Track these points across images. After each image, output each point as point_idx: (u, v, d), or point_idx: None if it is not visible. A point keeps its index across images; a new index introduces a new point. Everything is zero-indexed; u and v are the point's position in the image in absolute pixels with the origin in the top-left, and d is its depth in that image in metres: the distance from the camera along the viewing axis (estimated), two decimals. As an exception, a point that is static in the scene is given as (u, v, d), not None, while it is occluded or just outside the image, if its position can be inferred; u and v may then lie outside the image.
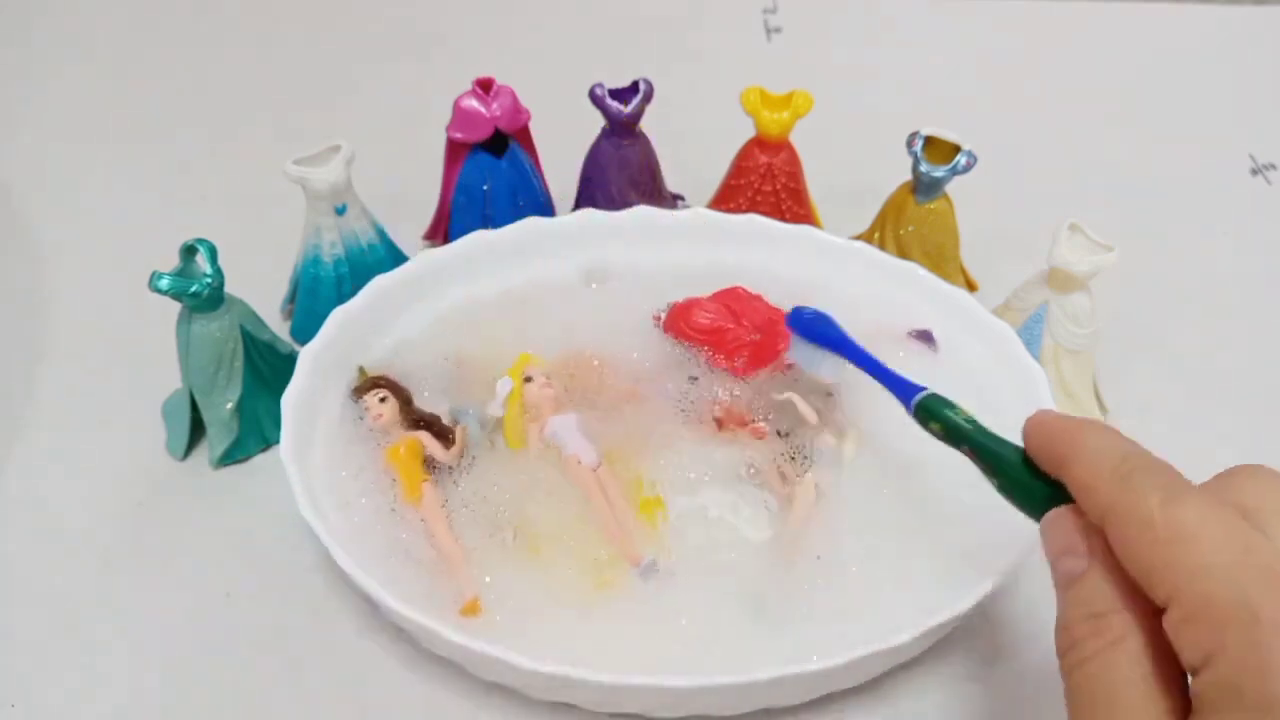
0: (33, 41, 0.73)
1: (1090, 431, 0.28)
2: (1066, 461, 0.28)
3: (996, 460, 0.31)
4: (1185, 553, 0.24)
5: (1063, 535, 0.28)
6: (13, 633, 0.39)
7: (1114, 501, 0.26)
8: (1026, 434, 0.30)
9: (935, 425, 0.34)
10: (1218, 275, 0.56)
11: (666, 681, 0.33)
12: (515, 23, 0.75)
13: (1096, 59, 0.74)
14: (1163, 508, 0.25)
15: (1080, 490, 0.27)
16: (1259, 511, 0.25)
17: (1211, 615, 0.23)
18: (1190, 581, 0.23)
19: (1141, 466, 0.27)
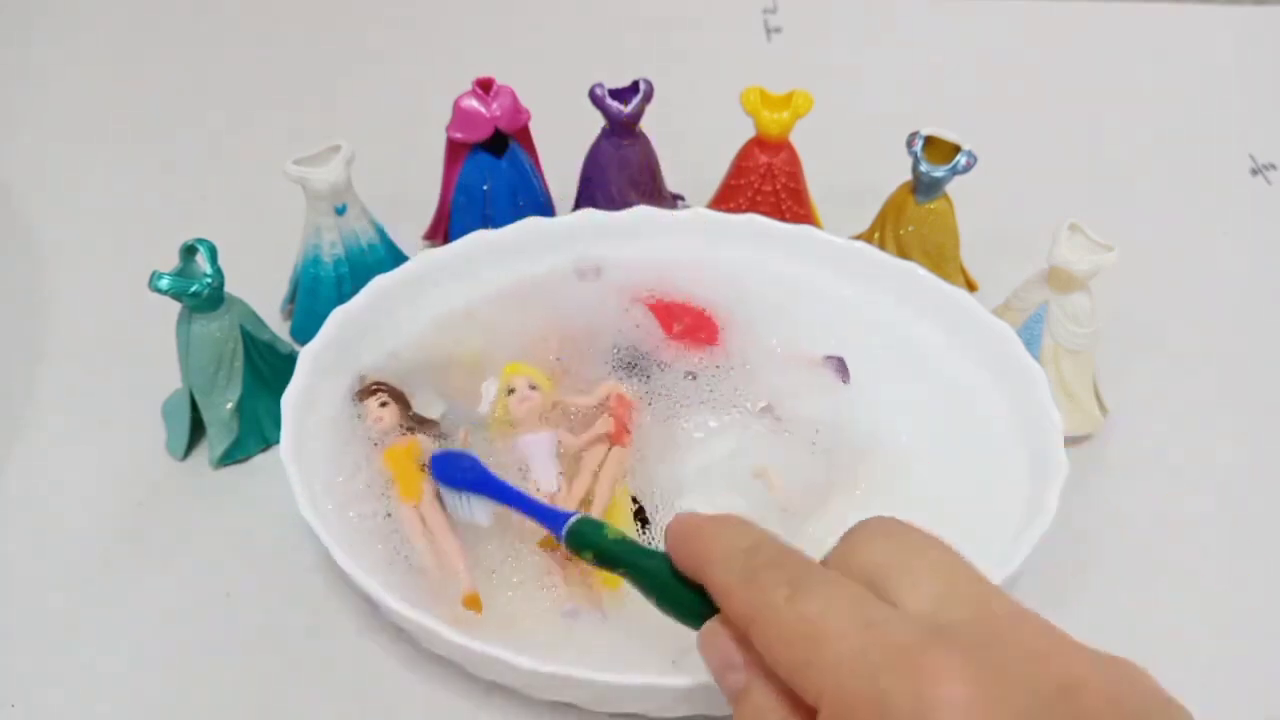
0: (33, 41, 0.73)
1: (722, 529, 0.28)
2: (702, 565, 0.27)
3: (650, 578, 0.30)
4: (816, 650, 0.23)
5: (719, 650, 0.27)
6: (13, 633, 0.39)
7: (746, 605, 0.25)
8: (667, 539, 0.29)
9: (587, 554, 0.33)
10: (1218, 275, 0.56)
11: (666, 681, 0.33)
12: (515, 23, 0.75)
13: (1096, 59, 0.74)
14: (789, 604, 0.24)
15: (719, 597, 0.27)
16: (882, 571, 0.25)
17: (853, 714, 0.22)
18: (826, 678, 0.23)
19: (767, 561, 0.26)
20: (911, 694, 0.22)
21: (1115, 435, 0.47)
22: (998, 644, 0.23)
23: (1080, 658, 0.23)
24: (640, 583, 0.31)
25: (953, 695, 0.21)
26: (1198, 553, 0.43)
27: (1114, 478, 0.46)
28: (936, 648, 0.22)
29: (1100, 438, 0.47)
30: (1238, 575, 0.42)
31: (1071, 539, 0.42)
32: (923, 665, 0.22)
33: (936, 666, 0.22)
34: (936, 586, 0.25)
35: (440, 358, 0.45)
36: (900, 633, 0.23)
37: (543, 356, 0.44)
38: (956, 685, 0.21)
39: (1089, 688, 0.22)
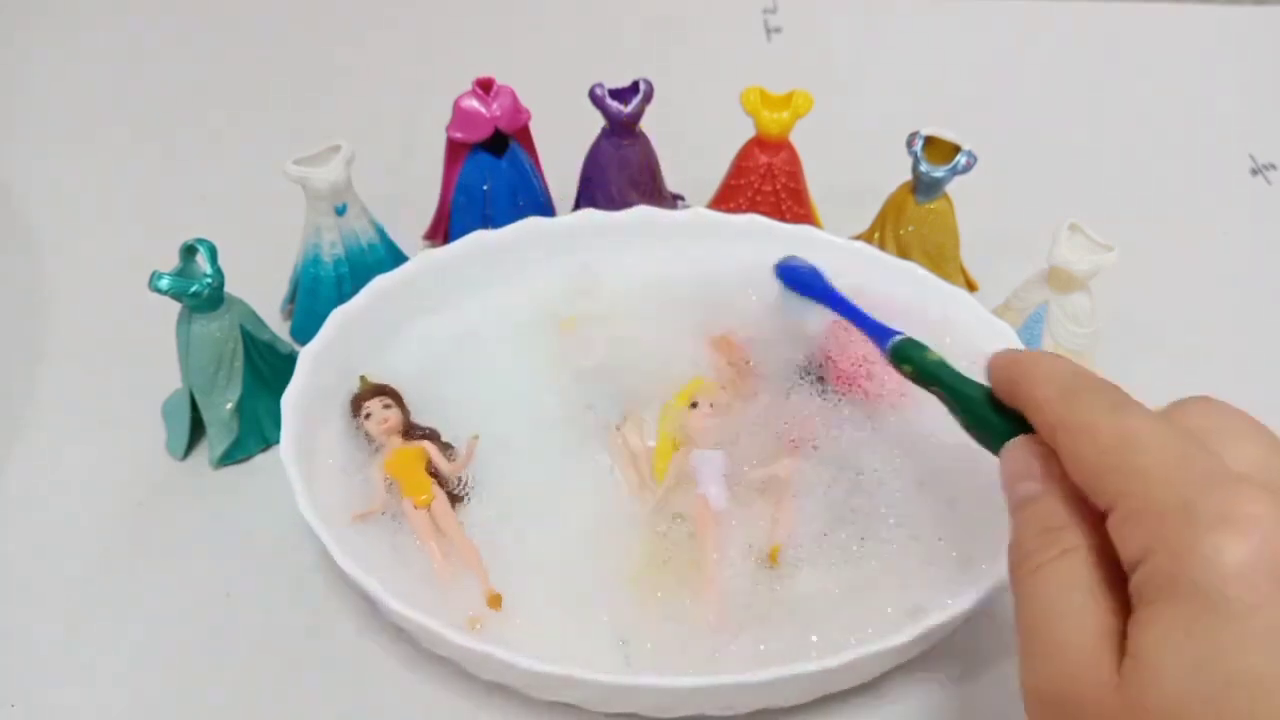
0: (33, 41, 0.73)
1: (1044, 358, 0.29)
2: (1021, 385, 0.29)
3: (963, 398, 0.32)
4: (1127, 458, 0.25)
5: (1019, 461, 0.28)
6: (13, 633, 0.39)
7: (1062, 416, 0.27)
8: (990, 368, 0.31)
9: (907, 367, 0.35)
10: (1218, 275, 0.56)
11: (666, 681, 0.33)
12: (515, 23, 0.75)
13: (1096, 59, 0.74)
14: (1109, 415, 0.26)
15: (1032, 409, 0.28)
16: (1203, 430, 0.26)
17: (1149, 512, 0.24)
18: (1130, 483, 0.24)
19: (1090, 385, 0.28)
20: (1219, 507, 0.22)
21: (1115, 435, 0.47)
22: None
23: None
24: (954, 401, 0.33)
25: (1259, 514, 0.22)
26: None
27: (1114, 478, 0.46)
28: (1249, 485, 0.23)
29: (1100, 438, 0.47)
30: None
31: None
32: (1234, 490, 0.23)
33: (1248, 493, 0.23)
34: (1256, 453, 0.25)
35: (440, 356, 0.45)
36: (1215, 464, 0.24)
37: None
38: (1264, 510, 0.22)
39: None
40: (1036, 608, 0.26)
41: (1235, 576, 0.22)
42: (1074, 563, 0.25)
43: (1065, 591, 0.25)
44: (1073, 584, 0.25)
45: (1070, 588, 0.25)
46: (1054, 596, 0.25)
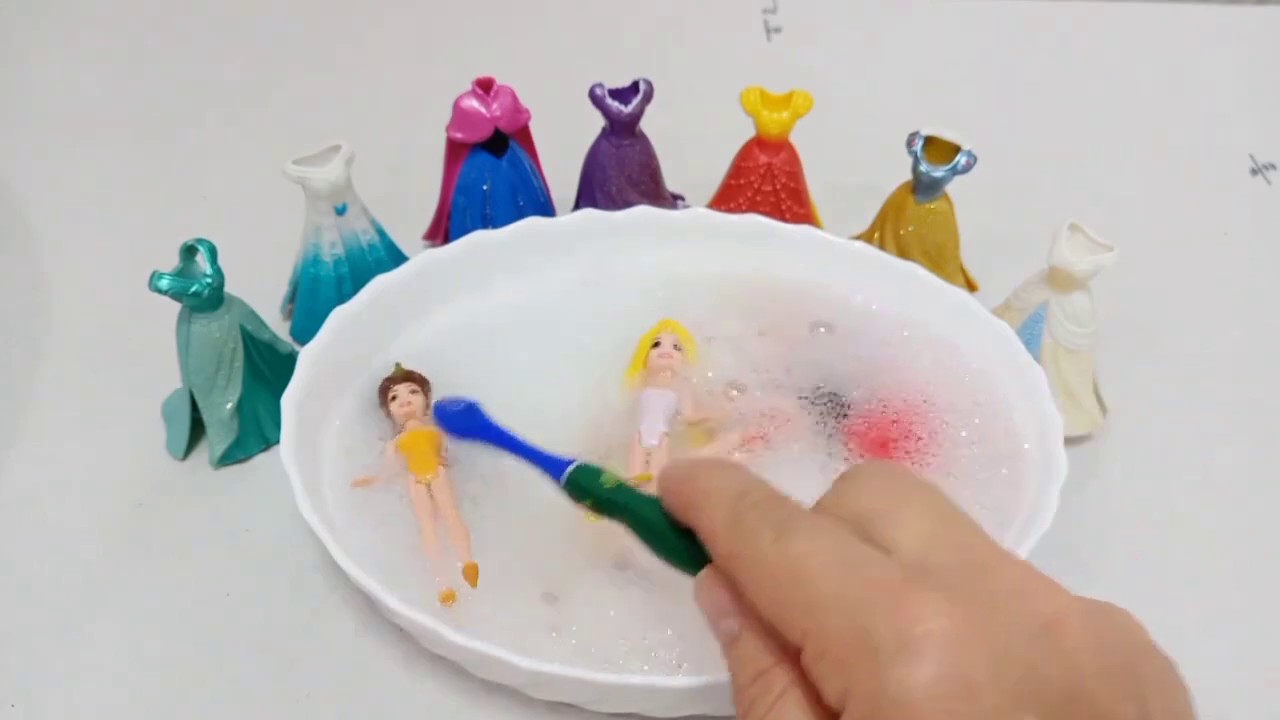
0: (32, 41, 0.73)
1: (714, 473, 0.28)
2: (692, 509, 0.27)
3: (644, 523, 0.30)
4: (800, 591, 0.23)
5: (712, 597, 0.27)
6: (13, 633, 0.39)
7: (732, 548, 0.26)
8: (659, 487, 0.29)
9: (587, 501, 0.32)
10: (1218, 275, 0.56)
11: (666, 682, 0.33)
12: (515, 23, 0.75)
13: (1096, 59, 0.74)
14: (774, 545, 0.24)
15: (707, 539, 0.27)
16: (871, 513, 0.25)
17: (835, 651, 0.23)
18: (808, 619, 0.23)
19: (755, 503, 0.26)
20: (893, 629, 0.22)
21: (1115, 435, 0.47)
22: (982, 583, 0.23)
23: (1065, 599, 0.23)
24: (638, 530, 0.30)
25: (934, 630, 0.21)
26: (1198, 552, 0.43)
27: (1114, 478, 0.46)
28: (919, 586, 0.22)
29: (1100, 438, 0.47)
30: (1238, 575, 0.42)
31: (1071, 539, 0.41)
32: (905, 601, 0.22)
33: (919, 602, 0.22)
34: (924, 529, 0.25)
35: (440, 356, 0.45)
36: (883, 571, 0.23)
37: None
38: (939, 620, 0.21)
39: (1072, 626, 0.22)
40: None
41: (929, 711, 0.21)
42: (790, 704, 0.24)
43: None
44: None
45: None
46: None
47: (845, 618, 0.23)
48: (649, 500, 0.30)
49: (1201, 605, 0.41)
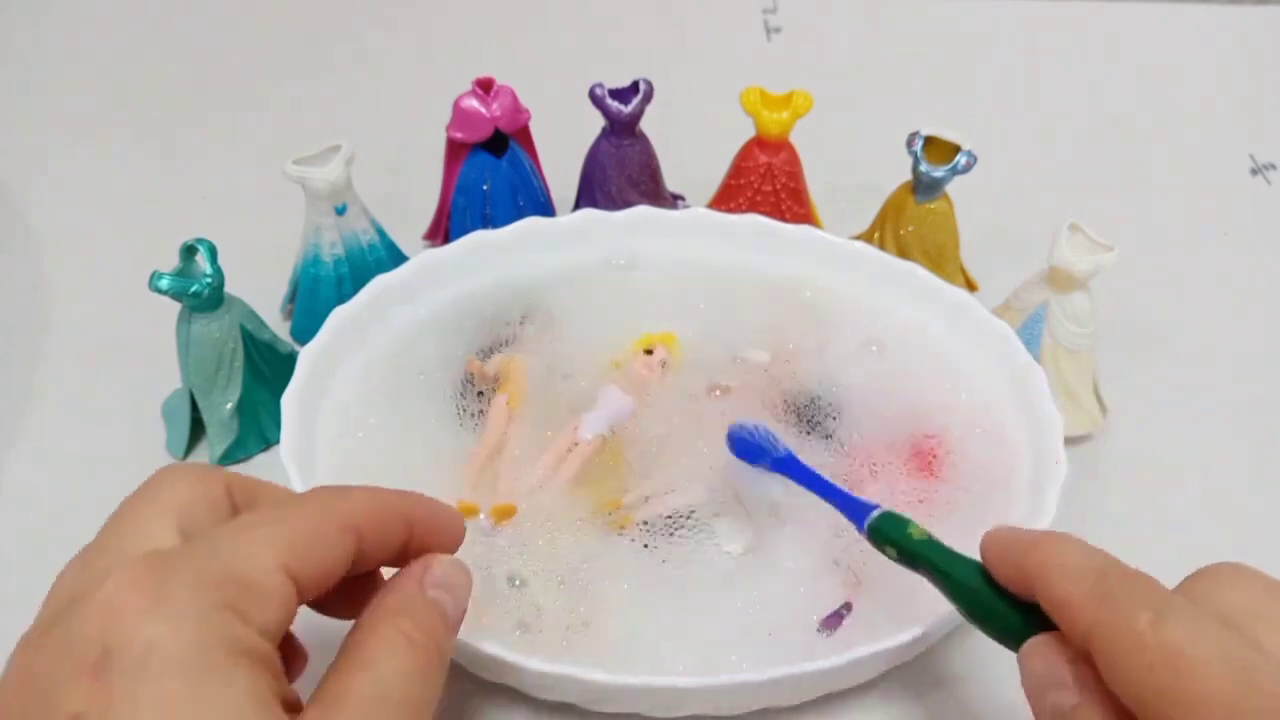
0: (32, 41, 0.73)
1: (1058, 544, 0.27)
2: (1036, 579, 0.27)
3: (960, 586, 0.29)
4: (1182, 681, 0.23)
5: (1047, 666, 0.26)
6: (13, 633, 0.39)
7: (1098, 621, 0.25)
8: (985, 552, 0.29)
9: (890, 550, 0.32)
10: (1218, 275, 0.56)
11: (666, 681, 0.33)
12: (515, 23, 0.75)
13: (1096, 59, 0.74)
14: (1153, 627, 0.23)
15: (1058, 610, 0.26)
16: (1242, 615, 0.24)
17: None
18: (1190, 713, 0.22)
19: (1122, 580, 0.25)
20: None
21: (1115, 435, 0.47)
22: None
23: None
24: (949, 588, 0.30)
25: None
26: (1198, 552, 0.43)
27: (1114, 478, 0.46)
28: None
29: (1100, 438, 0.47)
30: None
31: (1071, 539, 0.42)
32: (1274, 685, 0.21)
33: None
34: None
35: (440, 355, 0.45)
36: (1272, 678, 0.22)
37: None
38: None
39: None
40: None
41: None
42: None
43: None
44: None
45: None
46: None
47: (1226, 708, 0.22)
48: (965, 559, 0.30)
49: (1201, 605, 0.41)
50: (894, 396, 0.44)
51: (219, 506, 0.27)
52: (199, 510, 0.27)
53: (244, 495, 0.28)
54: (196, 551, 0.25)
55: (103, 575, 0.24)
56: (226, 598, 0.24)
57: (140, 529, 0.26)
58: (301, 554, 0.25)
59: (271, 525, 0.26)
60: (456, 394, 0.43)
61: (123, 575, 0.23)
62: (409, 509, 0.29)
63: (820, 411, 0.43)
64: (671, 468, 0.41)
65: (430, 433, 0.42)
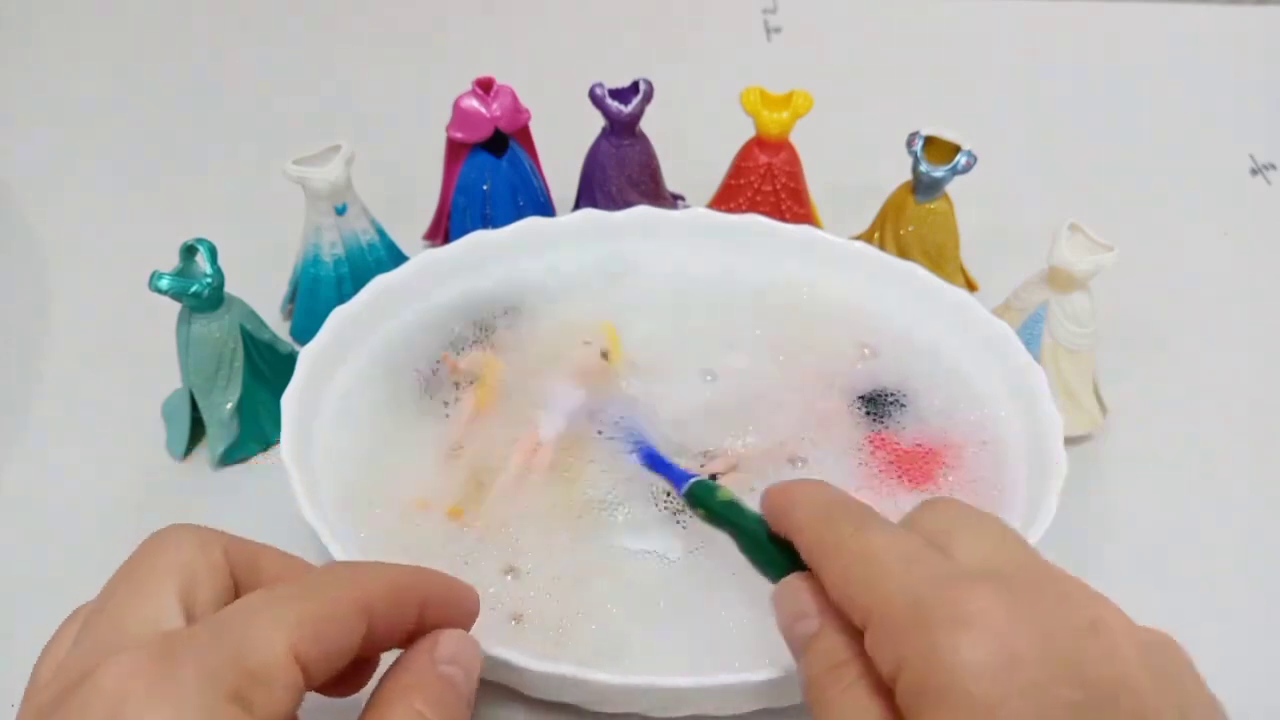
0: (33, 41, 0.73)
1: (808, 485, 0.31)
2: (786, 515, 0.30)
3: (745, 534, 0.33)
4: (867, 572, 0.26)
5: (793, 600, 0.29)
6: (13, 633, 0.39)
7: (818, 537, 0.28)
8: (762, 502, 0.32)
9: (700, 510, 0.36)
10: (1218, 275, 0.56)
11: (666, 681, 0.33)
12: (515, 23, 0.75)
13: (1096, 59, 0.74)
14: (854, 536, 0.27)
15: (795, 535, 0.29)
16: (937, 532, 0.27)
17: (893, 625, 0.24)
18: (872, 597, 0.25)
19: (841, 507, 0.29)
20: (947, 604, 0.23)
21: (1115, 435, 0.47)
22: (1034, 587, 0.24)
23: (1115, 609, 0.25)
24: (739, 539, 0.33)
25: (985, 608, 0.23)
26: (1198, 553, 0.43)
27: (1114, 478, 0.46)
28: (977, 579, 0.24)
29: (1100, 438, 0.47)
30: (1238, 575, 0.42)
31: (1071, 539, 0.41)
32: (960, 585, 0.24)
33: (973, 587, 0.24)
34: (986, 547, 0.26)
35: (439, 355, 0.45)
36: (944, 565, 0.25)
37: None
38: (990, 600, 0.23)
39: (1116, 628, 0.23)
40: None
41: (975, 675, 0.22)
42: (857, 693, 0.25)
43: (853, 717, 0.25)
44: (860, 709, 0.25)
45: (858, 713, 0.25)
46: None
47: (905, 595, 0.24)
48: (754, 515, 0.33)
49: (1202, 605, 0.41)
50: (894, 396, 0.44)
51: (219, 573, 0.27)
52: (200, 578, 0.27)
53: (242, 560, 0.28)
54: (203, 636, 0.24)
55: (106, 655, 0.23)
56: (233, 688, 0.23)
57: (143, 602, 0.26)
58: (312, 637, 0.25)
59: (282, 606, 0.25)
60: (429, 388, 0.44)
61: (127, 661, 0.23)
62: (423, 587, 0.29)
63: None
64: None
65: (430, 433, 0.42)
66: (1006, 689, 0.22)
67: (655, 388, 0.44)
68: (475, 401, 0.43)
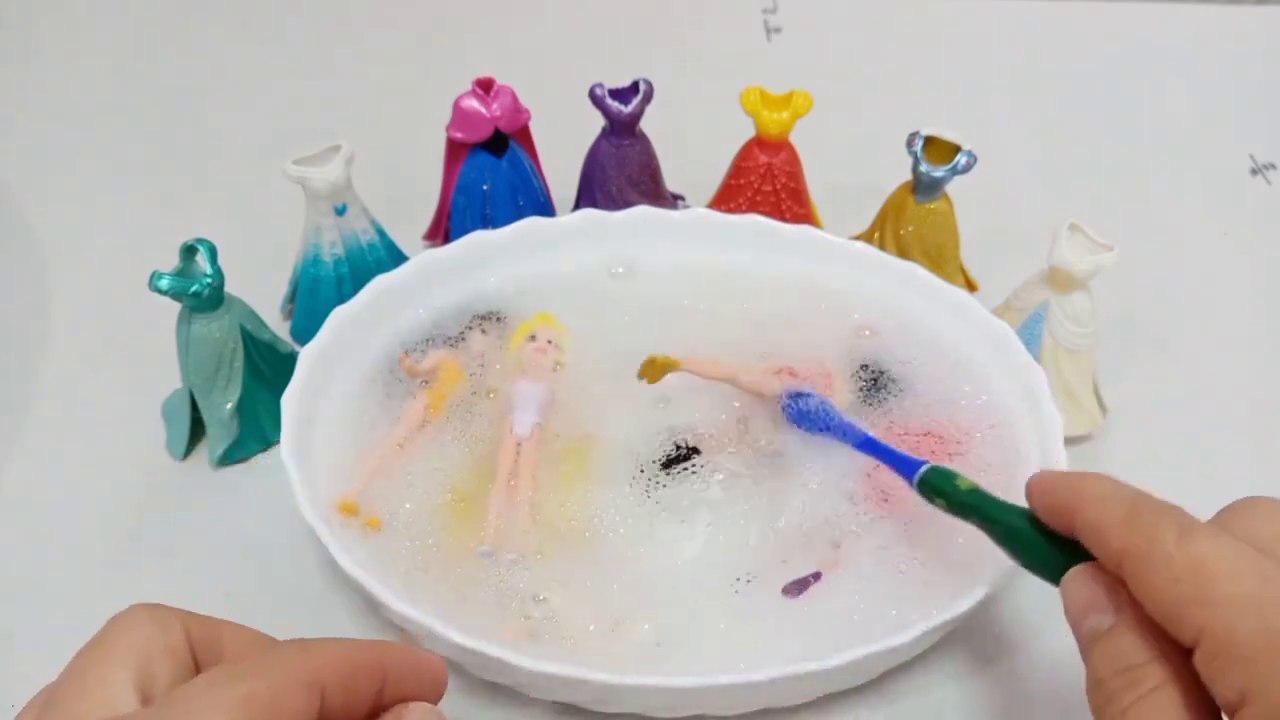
0: (32, 41, 0.73)
1: (1093, 480, 0.29)
2: (1073, 511, 0.28)
3: (1006, 529, 0.31)
4: (1206, 587, 0.24)
5: (1085, 592, 0.27)
6: (13, 633, 0.39)
7: (1128, 543, 0.26)
8: (1030, 493, 0.30)
9: (940, 500, 0.34)
10: (1218, 275, 0.56)
11: (666, 681, 0.33)
12: (515, 23, 0.75)
13: (1096, 59, 0.74)
14: (1178, 544, 0.25)
15: (1091, 537, 0.28)
16: (1268, 539, 0.25)
17: (1240, 650, 0.23)
18: (1214, 617, 0.23)
19: (1152, 508, 0.27)
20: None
21: (1115, 435, 0.47)
22: None
23: None
24: (997, 531, 0.31)
25: None
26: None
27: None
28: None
29: (1100, 438, 0.47)
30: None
31: (1071, 539, 0.42)
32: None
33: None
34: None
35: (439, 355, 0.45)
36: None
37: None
38: None
39: None
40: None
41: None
42: (1163, 702, 0.24)
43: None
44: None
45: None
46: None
47: (1259, 621, 0.23)
48: (1009, 506, 0.31)
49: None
50: (894, 397, 0.44)
51: (179, 655, 0.27)
52: (157, 659, 0.26)
53: (204, 639, 0.28)
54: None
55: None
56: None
57: (96, 689, 0.25)
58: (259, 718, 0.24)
59: (229, 687, 0.24)
60: (389, 390, 0.44)
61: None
62: (383, 660, 0.28)
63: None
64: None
65: (380, 433, 0.42)
66: None
67: (654, 387, 0.44)
68: (426, 405, 0.43)
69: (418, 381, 0.43)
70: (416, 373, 0.44)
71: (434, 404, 0.43)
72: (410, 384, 0.44)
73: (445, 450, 0.41)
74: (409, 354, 0.44)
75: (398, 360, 0.44)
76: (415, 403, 0.43)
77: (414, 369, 0.44)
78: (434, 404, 0.43)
